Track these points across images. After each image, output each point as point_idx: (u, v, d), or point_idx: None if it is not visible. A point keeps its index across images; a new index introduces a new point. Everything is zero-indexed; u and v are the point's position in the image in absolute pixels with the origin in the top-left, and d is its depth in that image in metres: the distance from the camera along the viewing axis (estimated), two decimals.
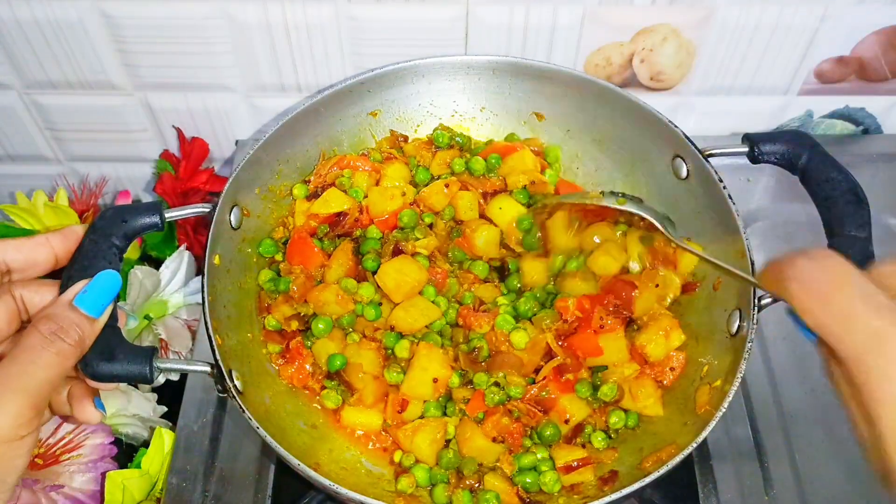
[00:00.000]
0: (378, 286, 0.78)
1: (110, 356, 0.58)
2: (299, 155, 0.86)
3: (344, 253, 0.80)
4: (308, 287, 0.78)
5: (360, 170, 0.85)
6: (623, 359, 0.75)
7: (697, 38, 0.91)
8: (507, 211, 0.83)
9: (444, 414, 0.76)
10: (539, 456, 0.72)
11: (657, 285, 0.78)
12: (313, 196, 0.84)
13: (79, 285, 0.57)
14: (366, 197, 0.84)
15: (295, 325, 0.79)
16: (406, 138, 0.90)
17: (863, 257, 0.68)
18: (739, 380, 0.66)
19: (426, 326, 0.77)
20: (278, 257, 0.83)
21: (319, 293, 0.77)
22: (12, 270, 0.57)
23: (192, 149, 1.03)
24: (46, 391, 0.51)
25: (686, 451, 0.63)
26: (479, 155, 0.87)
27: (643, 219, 0.75)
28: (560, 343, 0.75)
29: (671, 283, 0.79)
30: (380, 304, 0.78)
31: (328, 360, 0.75)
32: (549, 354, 0.76)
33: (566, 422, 0.73)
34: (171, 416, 0.86)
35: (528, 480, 0.71)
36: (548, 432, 0.72)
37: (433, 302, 0.78)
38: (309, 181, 0.86)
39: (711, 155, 0.77)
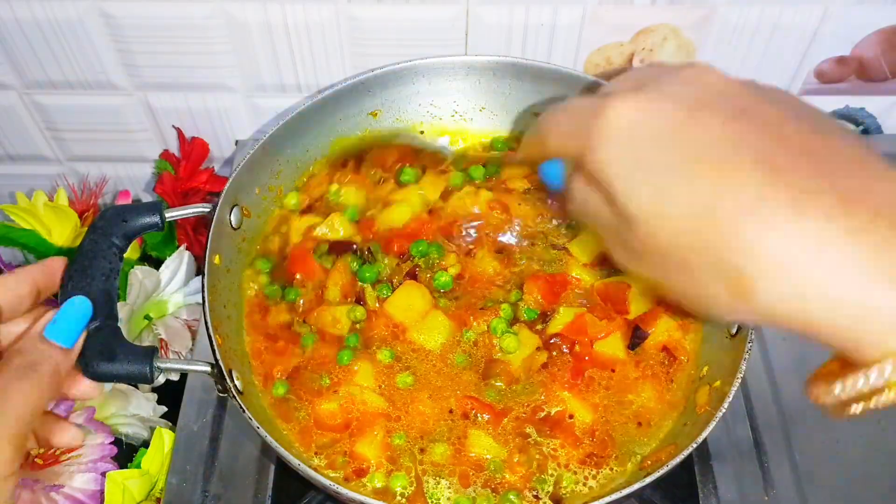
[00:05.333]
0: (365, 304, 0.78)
1: (111, 356, 0.58)
2: (299, 155, 0.86)
3: (340, 273, 0.80)
4: (316, 304, 0.79)
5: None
6: (622, 358, 0.75)
7: (697, 38, 0.91)
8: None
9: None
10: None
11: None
12: (307, 211, 0.85)
13: (48, 316, 0.55)
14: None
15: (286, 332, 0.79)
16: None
17: None
18: (739, 380, 0.66)
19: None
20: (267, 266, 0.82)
21: (319, 315, 0.78)
22: (3, 311, 0.55)
23: (192, 149, 1.03)
24: (26, 427, 0.49)
25: (686, 452, 0.63)
26: (478, 163, 0.88)
27: None
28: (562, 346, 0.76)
29: None
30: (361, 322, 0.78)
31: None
32: (546, 348, 0.76)
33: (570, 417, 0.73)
34: (171, 416, 0.86)
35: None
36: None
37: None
38: (300, 189, 0.86)
39: None
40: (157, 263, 0.97)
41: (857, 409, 0.42)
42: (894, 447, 0.81)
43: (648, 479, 0.62)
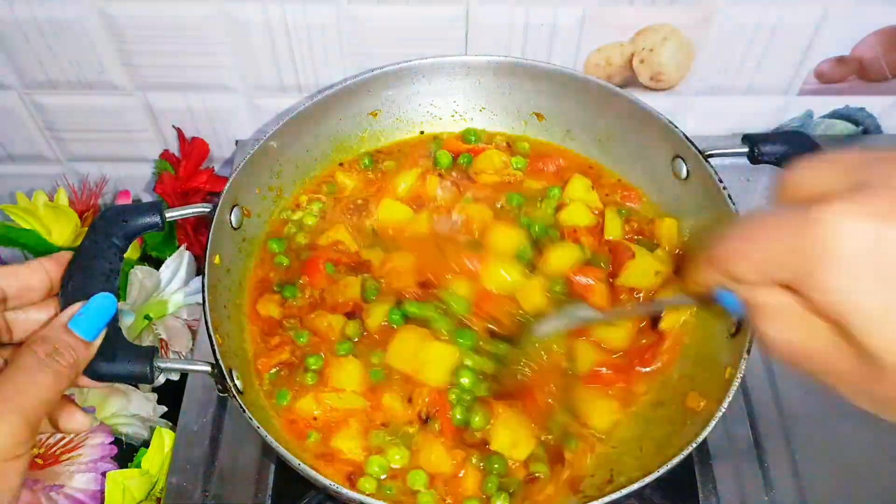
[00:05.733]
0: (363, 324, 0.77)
1: (112, 356, 0.58)
2: (299, 155, 0.86)
3: (343, 292, 0.79)
4: (307, 311, 0.78)
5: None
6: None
7: (697, 38, 0.91)
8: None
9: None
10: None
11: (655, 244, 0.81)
12: None
13: (74, 307, 0.56)
14: None
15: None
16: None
17: None
18: (739, 380, 0.66)
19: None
20: (283, 260, 0.82)
21: (313, 320, 0.77)
22: (8, 298, 0.56)
23: (192, 149, 1.03)
24: (42, 411, 0.51)
25: (686, 451, 0.63)
26: (448, 150, 0.90)
27: None
28: None
29: (665, 261, 0.80)
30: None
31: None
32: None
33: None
34: (171, 416, 0.86)
35: None
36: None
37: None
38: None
39: (711, 155, 0.77)
40: (157, 263, 0.97)
41: None
42: (894, 447, 0.81)
43: (648, 479, 0.62)
